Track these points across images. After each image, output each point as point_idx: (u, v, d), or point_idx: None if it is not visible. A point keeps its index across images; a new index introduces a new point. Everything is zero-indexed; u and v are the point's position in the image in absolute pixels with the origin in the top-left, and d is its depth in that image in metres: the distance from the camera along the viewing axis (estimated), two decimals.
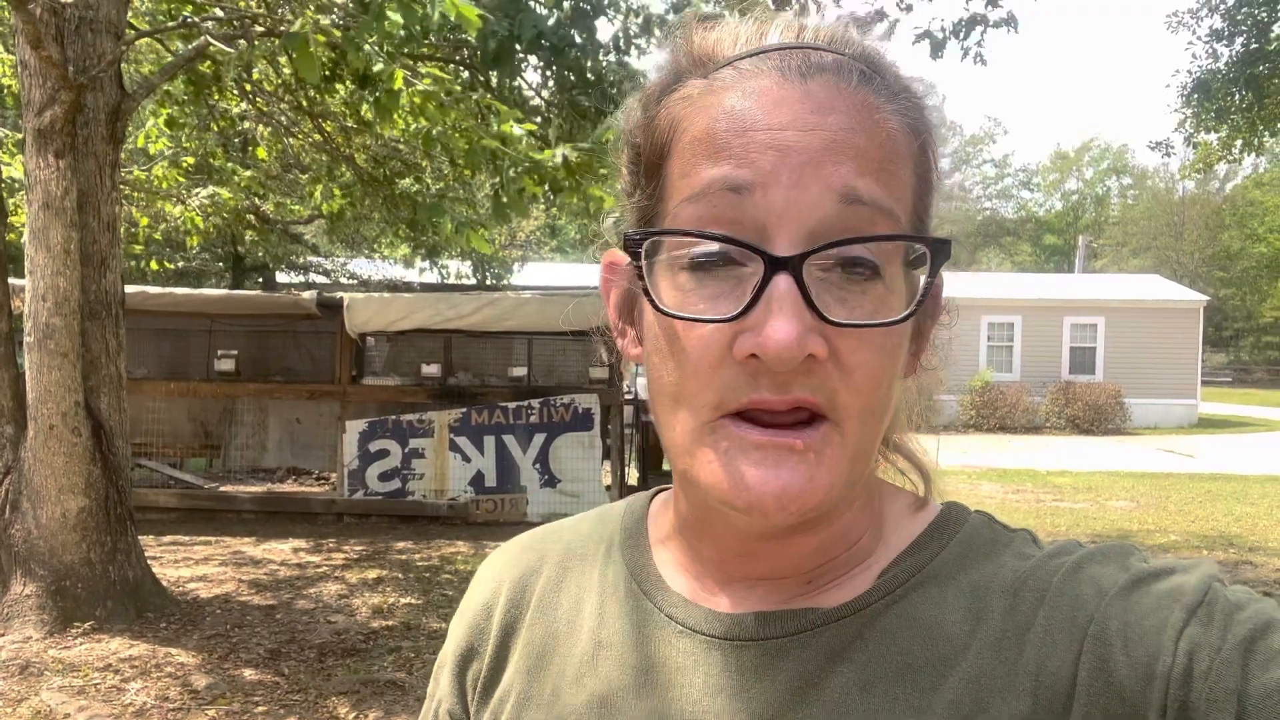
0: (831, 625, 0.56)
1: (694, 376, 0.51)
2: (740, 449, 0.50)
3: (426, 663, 4.95)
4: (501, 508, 8.59)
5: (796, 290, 0.48)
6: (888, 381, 0.52)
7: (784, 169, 0.49)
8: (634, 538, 0.67)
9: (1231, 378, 41.12)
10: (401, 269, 16.70)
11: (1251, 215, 44.91)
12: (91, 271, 5.24)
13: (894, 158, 0.51)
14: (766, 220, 0.49)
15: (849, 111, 0.51)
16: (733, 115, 0.51)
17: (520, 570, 0.71)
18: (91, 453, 5.21)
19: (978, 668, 0.52)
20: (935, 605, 0.55)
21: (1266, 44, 9.02)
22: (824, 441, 0.50)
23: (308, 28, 3.81)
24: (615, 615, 0.64)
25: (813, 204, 0.49)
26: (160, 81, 5.77)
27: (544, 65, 5.87)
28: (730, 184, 0.50)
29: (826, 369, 0.49)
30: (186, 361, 10.08)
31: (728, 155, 0.51)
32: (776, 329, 0.47)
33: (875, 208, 0.50)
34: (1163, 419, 21.75)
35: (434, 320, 8.53)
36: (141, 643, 5.06)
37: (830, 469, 0.50)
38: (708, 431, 0.51)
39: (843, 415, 0.50)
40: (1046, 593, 0.53)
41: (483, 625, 0.70)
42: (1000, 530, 0.60)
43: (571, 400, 8.60)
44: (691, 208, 0.52)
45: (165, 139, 7.87)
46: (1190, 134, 10.40)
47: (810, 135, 0.50)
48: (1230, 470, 13.78)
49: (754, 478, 0.50)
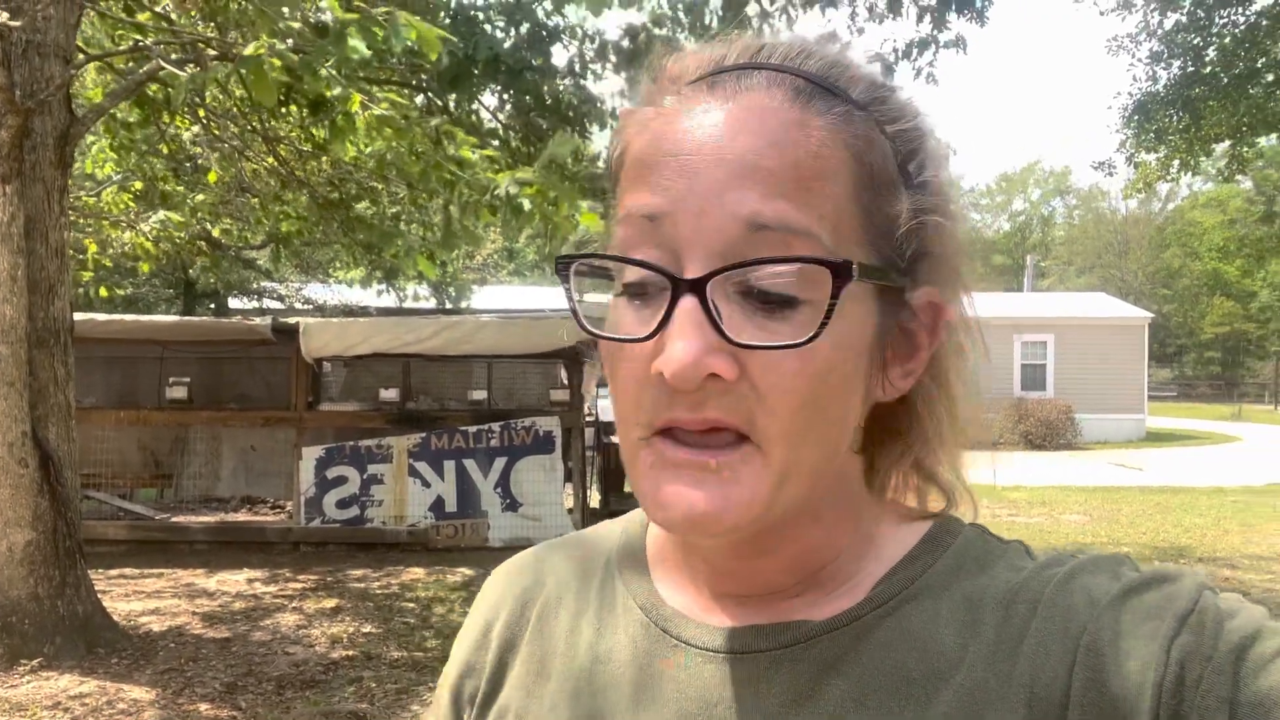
0: (824, 638, 0.56)
1: (624, 396, 0.53)
2: (662, 465, 0.51)
3: (388, 693, 4.87)
4: (462, 533, 8.49)
5: (700, 310, 0.49)
6: (814, 403, 0.51)
7: (691, 196, 0.50)
8: (631, 554, 0.68)
9: (1176, 392, 42.14)
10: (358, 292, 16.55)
11: (1191, 235, 46.28)
12: (39, 299, 5.12)
13: (817, 175, 0.51)
14: (678, 246, 0.50)
15: (767, 131, 0.51)
16: (658, 141, 0.53)
17: (520, 588, 0.71)
18: (39, 484, 5.07)
19: (972, 680, 0.52)
20: (928, 618, 0.55)
21: (1202, 67, 9.35)
22: (742, 462, 0.50)
23: (263, 51, 3.78)
24: (612, 630, 0.64)
25: (718, 230, 0.49)
26: (110, 105, 5.68)
27: (501, 89, 5.89)
28: (645, 211, 0.52)
29: (742, 390, 0.50)
30: (136, 389, 9.86)
31: (647, 182, 0.52)
32: (675, 348, 0.48)
33: (785, 230, 0.49)
34: (1112, 434, 22.21)
35: (392, 344, 8.45)
36: (92, 679, 4.91)
37: (748, 489, 0.50)
38: (641, 448, 0.52)
39: (764, 437, 0.50)
40: (1039, 604, 0.53)
41: (481, 643, 0.70)
42: (993, 542, 0.60)
43: (532, 423, 8.56)
44: (620, 230, 0.53)
45: (112, 164, 7.73)
46: (1131, 154, 10.72)
47: (717, 160, 0.50)
48: (1178, 483, 14.10)
49: (669, 495, 0.51)
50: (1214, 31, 9.31)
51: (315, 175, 8.21)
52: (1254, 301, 44.83)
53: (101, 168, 7.79)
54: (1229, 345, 46.43)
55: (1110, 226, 54.32)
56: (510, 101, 6.08)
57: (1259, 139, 10.40)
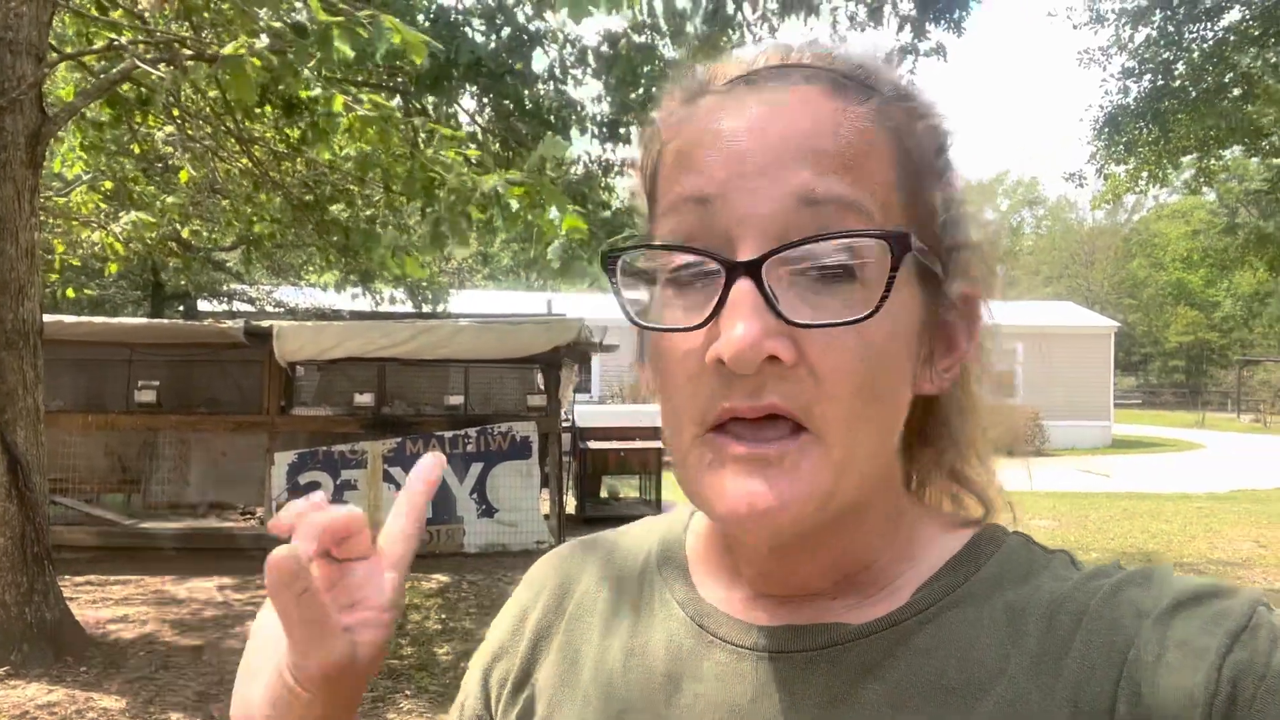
0: (862, 641, 0.56)
1: (678, 390, 0.52)
2: (720, 462, 0.51)
3: (364, 700, 4.81)
4: (437, 539, 8.43)
5: (756, 292, 0.48)
6: (872, 387, 0.51)
7: (741, 176, 0.50)
8: (671, 552, 0.68)
9: (1141, 400, 42.78)
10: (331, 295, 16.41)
11: (1155, 245, 47.09)
12: (9, 300, 5.02)
13: (864, 155, 0.51)
14: (729, 228, 0.50)
15: (813, 117, 0.51)
16: (701, 131, 0.53)
17: (560, 578, 0.72)
18: (7, 489, 4.97)
19: (1014, 692, 0.51)
20: (970, 626, 0.54)
21: (1171, 81, 9.53)
22: (801, 453, 0.50)
23: (242, 51, 3.74)
24: (649, 626, 0.64)
25: (771, 208, 0.50)
26: (83, 104, 5.60)
27: (481, 92, 5.87)
28: (693, 196, 0.52)
29: (799, 374, 0.49)
30: (104, 393, 9.68)
31: (694, 169, 0.52)
32: (734, 331, 0.48)
33: (838, 203, 0.49)
34: (1079, 440, 22.50)
35: (367, 349, 8.37)
36: (60, 688, 4.81)
37: (810, 481, 0.50)
38: (696, 445, 0.52)
39: (822, 425, 0.50)
40: (1084, 615, 0.52)
41: (517, 628, 0.71)
42: (1038, 552, 0.59)
43: (509, 429, 8.52)
44: (666, 222, 0.53)
45: (82, 163, 7.61)
46: (1101, 166, 10.89)
47: (766, 141, 0.51)
48: (1144, 489, 14.31)
49: (731, 491, 0.50)
50: (1183, 46, 9.50)
51: (290, 177, 8.12)
52: (1217, 311, 45.68)
53: (70, 167, 7.66)
54: (1193, 354, 47.23)
55: (1077, 237, 55.14)
56: (490, 106, 6.06)
57: (1225, 151, 10.61)
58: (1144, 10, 9.62)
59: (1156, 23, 9.61)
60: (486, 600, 6.87)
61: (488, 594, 7.07)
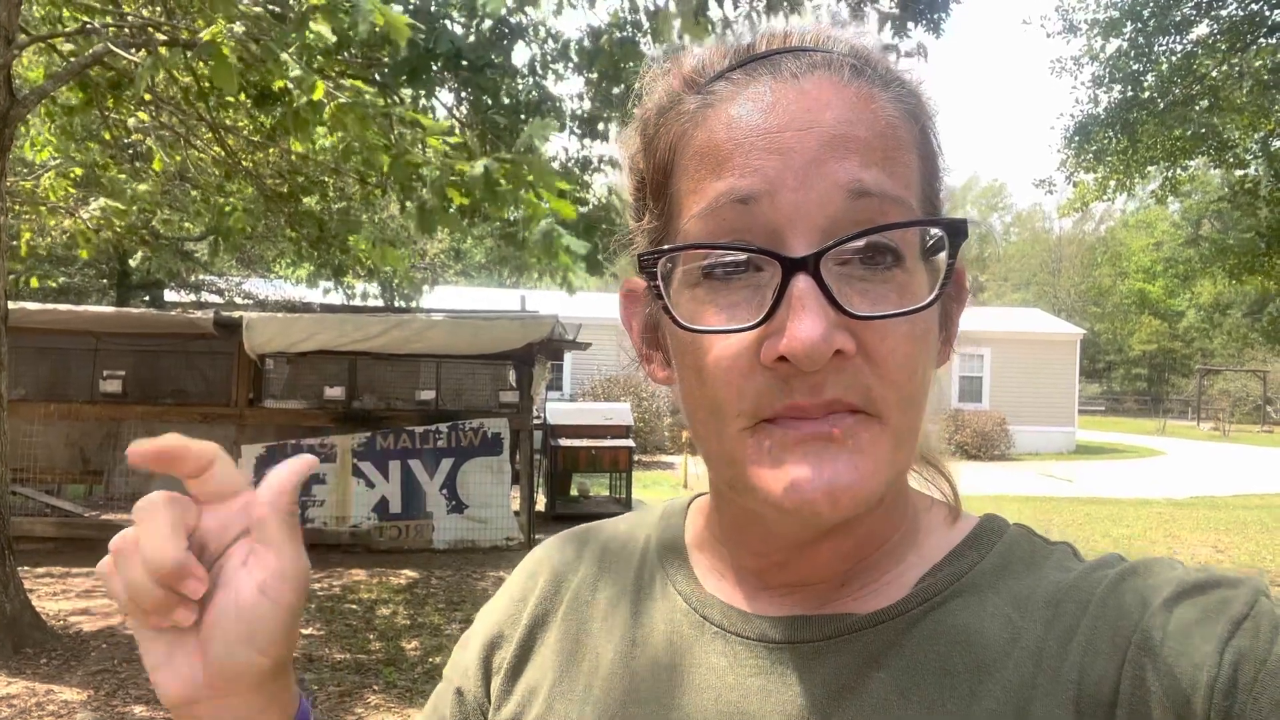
0: (868, 630, 0.56)
1: (726, 387, 0.51)
2: (783, 447, 0.50)
3: (331, 695, 4.77)
4: (406, 534, 8.38)
5: (816, 288, 0.48)
6: (921, 369, 0.51)
7: (788, 172, 0.49)
8: (672, 542, 0.68)
9: (1105, 407, 43.42)
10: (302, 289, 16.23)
11: (1120, 255, 47.86)
12: None
13: (897, 145, 0.51)
14: (778, 224, 0.49)
15: (846, 105, 0.51)
16: (731, 124, 0.52)
17: (558, 566, 0.71)
18: None
19: (1019, 677, 0.51)
20: (974, 614, 0.55)
21: (1140, 91, 9.69)
22: (862, 428, 0.50)
23: (221, 37, 3.69)
24: (650, 616, 0.64)
25: (821, 202, 0.49)
26: (53, 88, 5.50)
27: (460, 86, 5.83)
28: (737, 195, 0.50)
29: (857, 364, 0.49)
30: (68, 382, 9.52)
31: (730, 166, 0.51)
32: (801, 328, 0.47)
33: (884, 197, 0.50)
34: (1044, 445, 22.79)
35: (339, 341, 8.29)
36: (20, 680, 4.73)
37: (874, 457, 0.50)
38: (748, 435, 0.51)
39: (882, 407, 0.50)
40: (1089, 604, 0.52)
41: (514, 614, 0.70)
42: (1039, 543, 0.60)
43: (480, 424, 8.48)
44: (700, 223, 0.52)
45: (50, 148, 7.47)
46: (1071, 173, 11.06)
47: (809, 134, 0.50)
48: (1106, 494, 14.54)
49: (802, 476, 0.49)
50: (1152, 58, 9.67)
51: (263, 167, 8.03)
52: (1181, 320, 46.50)
53: (39, 152, 7.53)
54: (1156, 363, 48.07)
55: (1045, 245, 55.90)
56: (468, 100, 6.03)
57: (1190, 161, 10.81)
58: (1115, 22, 9.79)
59: (1127, 34, 9.77)
60: (455, 596, 6.84)
61: (456, 590, 7.03)
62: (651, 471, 16.00)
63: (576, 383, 21.03)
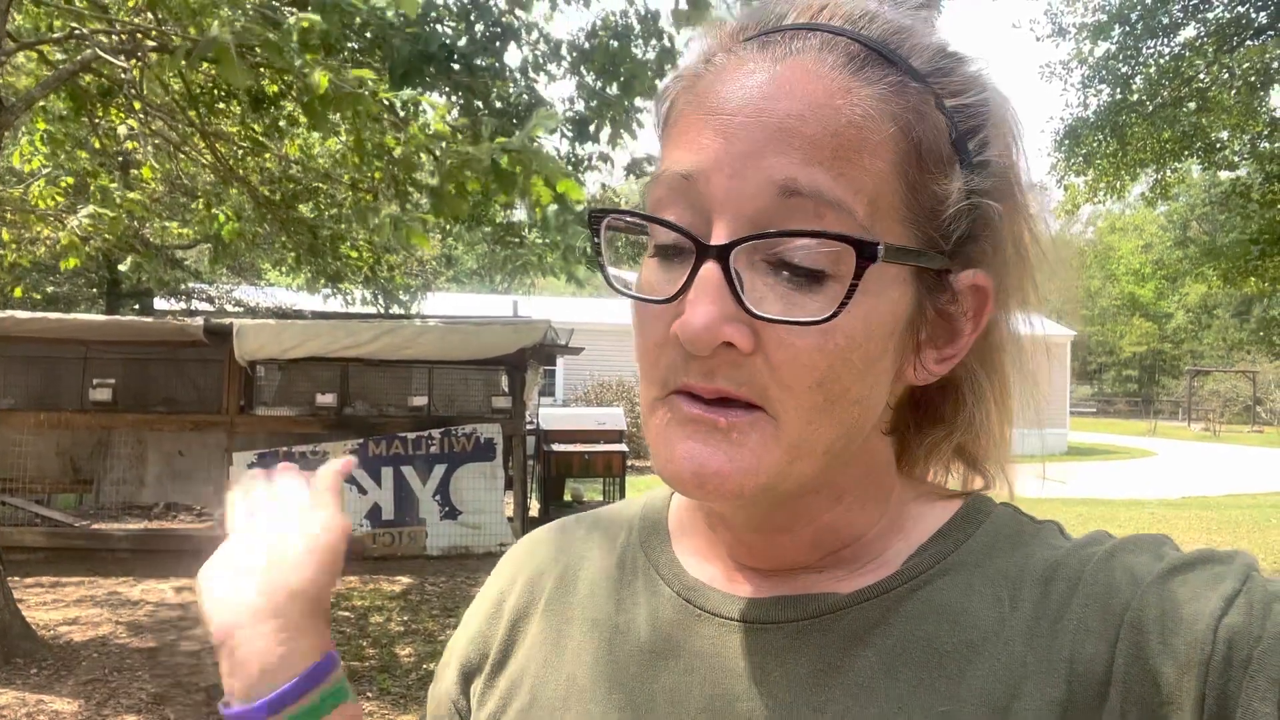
0: (852, 609, 0.55)
1: (644, 355, 0.53)
2: (677, 422, 0.51)
3: None
4: (399, 541, 8.35)
5: (721, 277, 0.48)
6: (834, 383, 0.49)
7: (726, 158, 0.49)
8: (654, 526, 0.68)
9: (1096, 408, 43.55)
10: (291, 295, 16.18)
11: (1109, 258, 48.08)
12: None
13: (856, 147, 0.48)
14: (710, 207, 0.49)
15: (805, 97, 0.49)
16: (700, 101, 0.52)
17: (537, 561, 0.71)
18: None
19: (1010, 655, 0.51)
20: (961, 592, 0.54)
21: (1129, 95, 9.74)
22: (751, 426, 0.49)
23: (226, 33, 3.67)
24: (633, 601, 0.63)
25: (753, 194, 0.48)
26: (41, 95, 5.47)
27: (452, 89, 5.83)
28: (680, 170, 0.51)
29: (755, 363, 0.49)
30: (58, 391, 9.48)
31: (687, 140, 0.51)
32: (693, 313, 0.48)
33: (818, 200, 0.48)
34: (1036, 447, 22.85)
35: (330, 348, 8.26)
36: (10, 690, 4.69)
37: (756, 455, 0.49)
38: (657, 407, 0.52)
39: (779, 409, 0.49)
40: (1080, 581, 0.52)
41: (494, 613, 0.70)
42: (1027, 521, 0.59)
43: (473, 430, 8.46)
44: (654, 191, 0.53)
45: (40, 156, 7.43)
46: (1061, 177, 11.10)
47: (757, 122, 0.49)
48: (1099, 495, 14.58)
49: (679, 453, 0.50)
50: (1140, 60, 9.72)
51: (256, 174, 8.00)
52: (1170, 322, 46.74)
53: (29, 161, 7.49)
54: (1146, 364, 48.30)
55: None
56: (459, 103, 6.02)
57: (1179, 164, 10.86)
58: (1104, 25, 9.84)
59: (1116, 38, 9.82)
60: (449, 603, 6.81)
61: (450, 596, 7.01)
62: (645, 476, 15.98)
63: (569, 388, 21.00)
